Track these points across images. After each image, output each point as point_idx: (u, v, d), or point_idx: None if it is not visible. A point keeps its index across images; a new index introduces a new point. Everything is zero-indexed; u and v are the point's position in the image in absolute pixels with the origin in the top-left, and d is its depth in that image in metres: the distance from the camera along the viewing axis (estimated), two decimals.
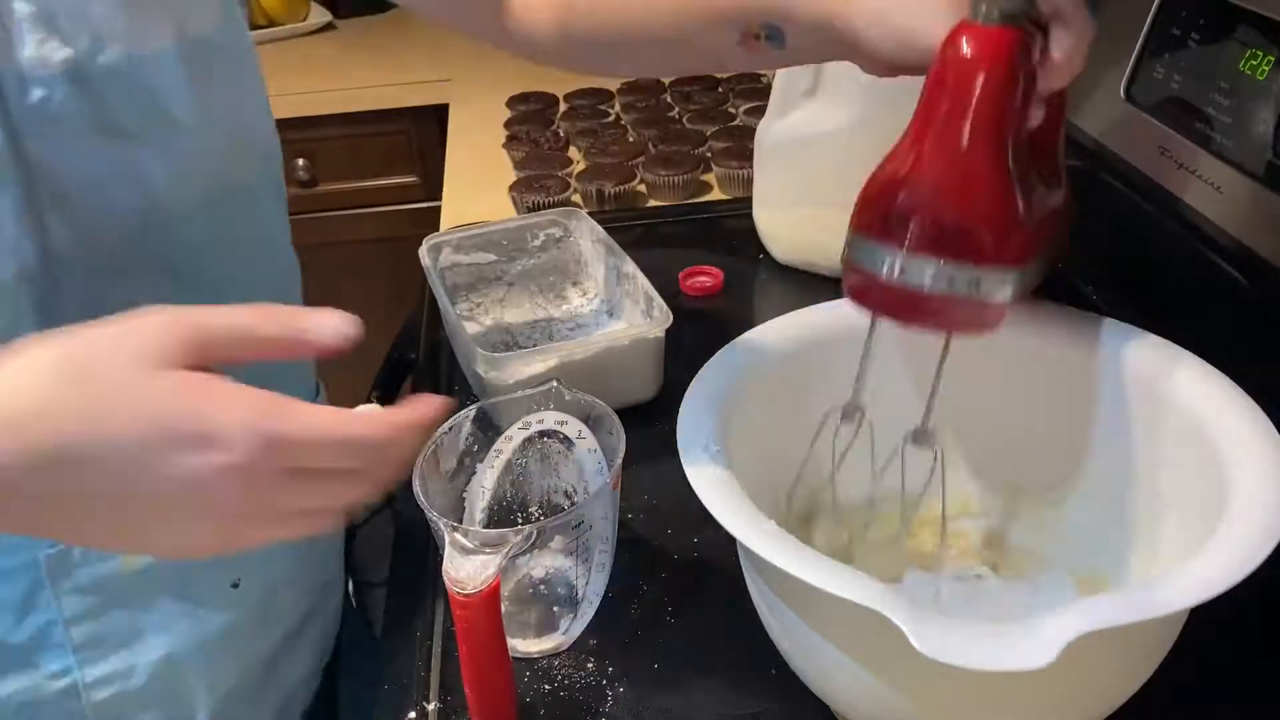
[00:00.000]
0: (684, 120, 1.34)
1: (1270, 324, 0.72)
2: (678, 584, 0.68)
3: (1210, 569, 0.43)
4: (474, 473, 0.66)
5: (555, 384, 0.67)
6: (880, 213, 0.53)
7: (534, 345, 0.91)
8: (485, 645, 0.55)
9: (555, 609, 0.65)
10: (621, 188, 1.16)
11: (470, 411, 0.66)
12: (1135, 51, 0.86)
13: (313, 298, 1.84)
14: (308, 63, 1.79)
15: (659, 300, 0.82)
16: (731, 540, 0.51)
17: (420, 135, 1.68)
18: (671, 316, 0.79)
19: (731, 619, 0.64)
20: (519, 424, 0.67)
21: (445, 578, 0.54)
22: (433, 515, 0.57)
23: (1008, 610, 0.62)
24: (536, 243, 0.97)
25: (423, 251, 0.92)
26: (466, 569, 0.54)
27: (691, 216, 1.17)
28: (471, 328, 0.93)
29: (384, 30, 1.93)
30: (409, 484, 0.59)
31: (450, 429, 0.65)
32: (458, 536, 0.55)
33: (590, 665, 0.62)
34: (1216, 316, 0.78)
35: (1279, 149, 0.70)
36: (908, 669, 0.46)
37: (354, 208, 1.72)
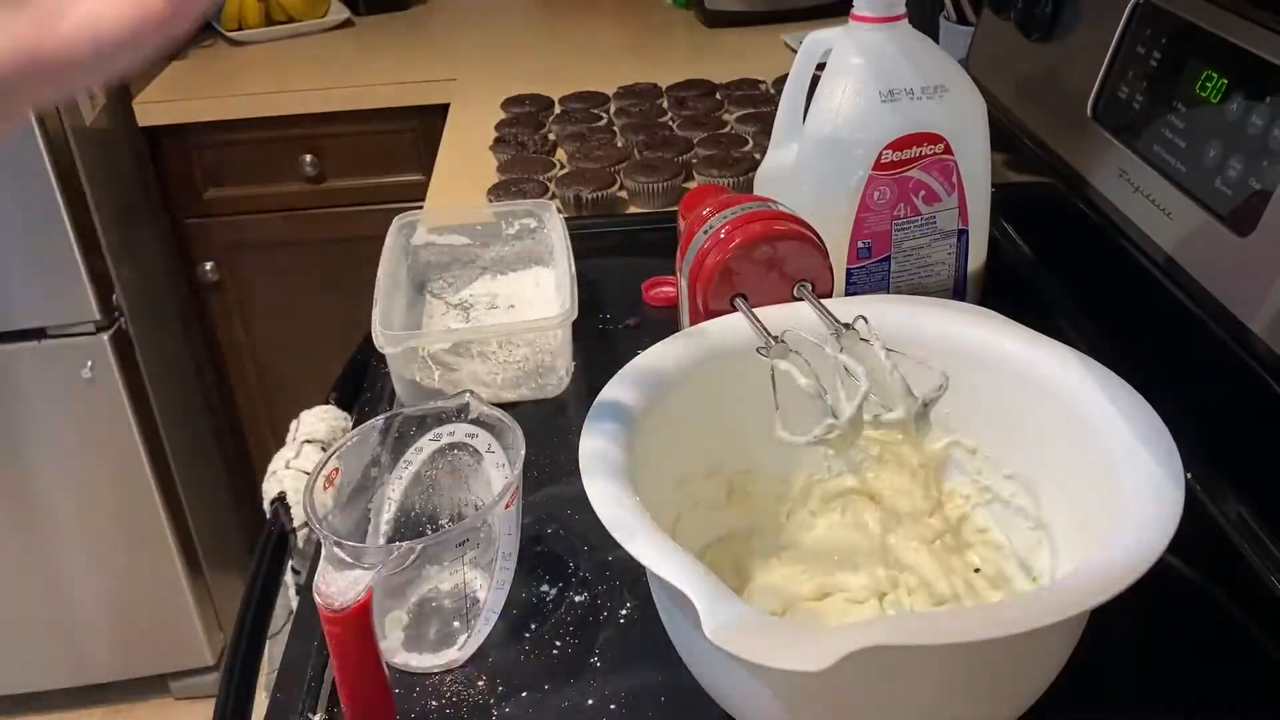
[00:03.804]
0: (675, 126, 1.32)
1: (1211, 354, 0.69)
2: (585, 603, 0.67)
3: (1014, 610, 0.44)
4: (382, 484, 0.66)
5: (469, 395, 0.66)
6: None
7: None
8: (356, 661, 0.55)
9: (455, 624, 0.64)
10: (599, 194, 1.15)
11: (378, 422, 0.65)
12: (1102, 70, 0.83)
13: (316, 293, 1.85)
14: (323, 59, 1.80)
15: (573, 297, 0.83)
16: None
17: (426, 134, 1.68)
18: (575, 313, 0.81)
19: (634, 641, 0.64)
20: (429, 435, 0.67)
21: (314, 592, 0.53)
22: (316, 526, 0.57)
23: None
24: (511, 231, 0.99)
25: (391, 230, 0.96)
26: (339, 584, 0.54)
27: (668, 225, 1.15)
28: (437, 305, 0.97)
29: (401, 28, 1.94)
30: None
31: (357, 439, 0.65)
32: (335, 550, 0.55)
33: (481, 683, 0.62)
34: (1166, 343, 0.75)
35: (1225, 175, 0.68)
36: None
37: (360, 204, 1.73)
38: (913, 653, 0.42)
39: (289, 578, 0.86)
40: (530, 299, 0.97)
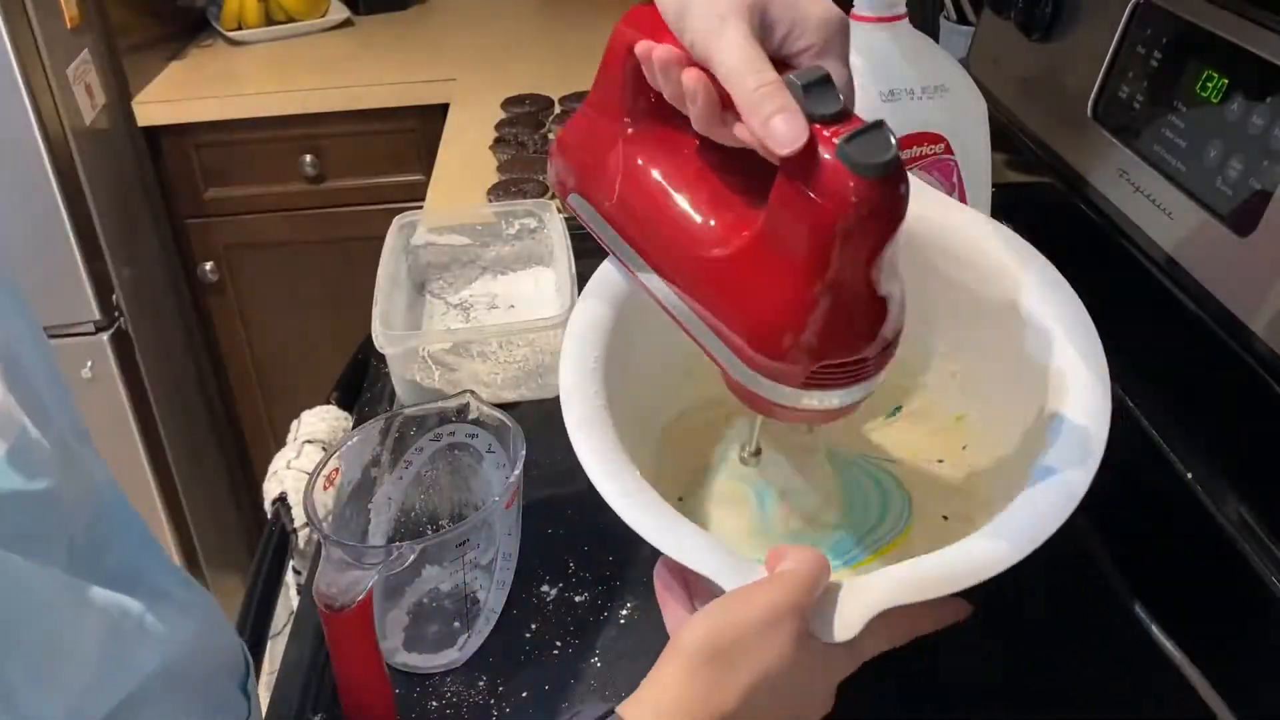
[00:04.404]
0: None
1: (1211, 354, 0.69)
2: (585, 603, 0.67)
3: (992, 547, 0.49)
4: (382, 484, 0.66)
5: (469, 395, 0.66)
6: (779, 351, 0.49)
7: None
8: (356, 661, 0.55)
9: (456, 624, 0.65)
10: None
11: (378, 422, 0.65)
12: (1103, 70, 0.83)
13: (316, 293, 1.85)
14: (323, 59, 1.80)
15: (573, 297, 0.83)
16: (645, 560, 0.55)
17: (426, 134, 1.68)
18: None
19: (634, 641, 0.64)
20: (430, 435, 0.67)
21: (315, 592, 0.53)
22: (316, 526, 0.57)
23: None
24: (511, 231, 0.99)
25: (391, 232, 0.95)
26: (339, 584, 0.54)
27: None
28: (437, 305, 0.97)
29: (401, 27, 1.94)
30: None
31: (358, 439, 0.65)
32: (335, 550, 0.55)
33: (481, 683, 0.62)
34: (1166, 343, 0.75)
35: (1225, 175, 0.68)
36: None
37: (360, 204, 1.74)
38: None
39: (290, 578, 0.86)
40: (530, 299, 0.97)
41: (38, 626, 0.40)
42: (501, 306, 0.97)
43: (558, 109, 1.42)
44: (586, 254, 0.95)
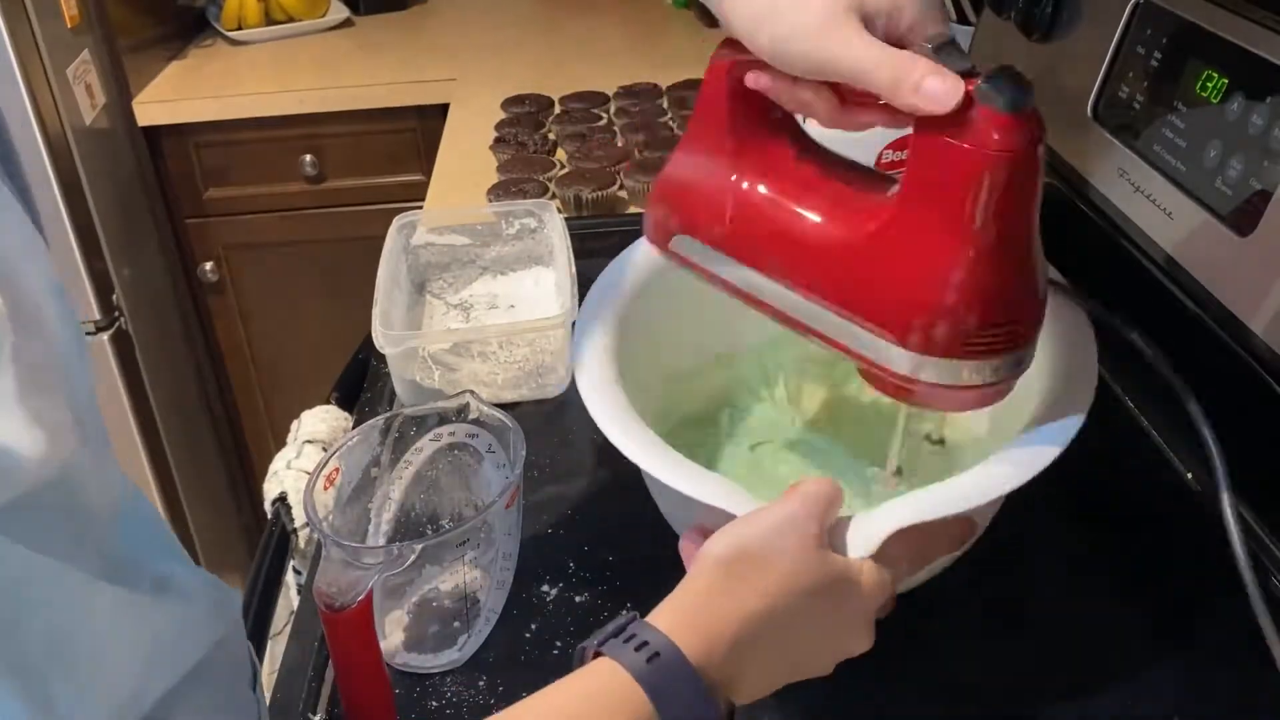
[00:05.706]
0: (675, 126, 1.32)
1: (1211, 354, 0.69)
2: (585, 603, 0.67)
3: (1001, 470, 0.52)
4: (382, 484, 0.66)
5: (469, 395, 0.66)
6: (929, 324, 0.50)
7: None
8: (356, 661, 0.55)
9: (456, 624, 0.65)
10: (600, 193, 1.15)
11: (378, 422, 0.65)
12: (1103, 70, 0.83)
13: (316, 293, 1.85)
14: (323, 59, 1.80)
15: (573, 297, 0.83)
16: (645, 559, 0.56)
17: (426, 134, 1.68)
18: (576, 313, 0.81)
19: None
20: (430, 435, 0.67)
21: (314, 592, 0.53)
22: (316, 526, 0.57)
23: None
24: (511, 231, 0.99)
25: (390, 232, 0.95)
26: (339, 584, 0.54)
27: None
28: (437, 305, 0.97)
29: (401, 27, 1.94)
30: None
31: (358, 439, 0.65)
32: (335, 550, 0.55)
33: (481, 683, 0.62)
34: (1166, 343, 0.75)
35: (1225, 175, 0.68)
36: None
37: (360, 204, 1.74)
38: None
39: (290, 578, 0.86)
40: (530, 299, 0.97)
41: (79, 637, 0.40)
42: (501, 306, 0.97)
43: (557, 109, 1.42)
44: (586, 254, 0.96)
